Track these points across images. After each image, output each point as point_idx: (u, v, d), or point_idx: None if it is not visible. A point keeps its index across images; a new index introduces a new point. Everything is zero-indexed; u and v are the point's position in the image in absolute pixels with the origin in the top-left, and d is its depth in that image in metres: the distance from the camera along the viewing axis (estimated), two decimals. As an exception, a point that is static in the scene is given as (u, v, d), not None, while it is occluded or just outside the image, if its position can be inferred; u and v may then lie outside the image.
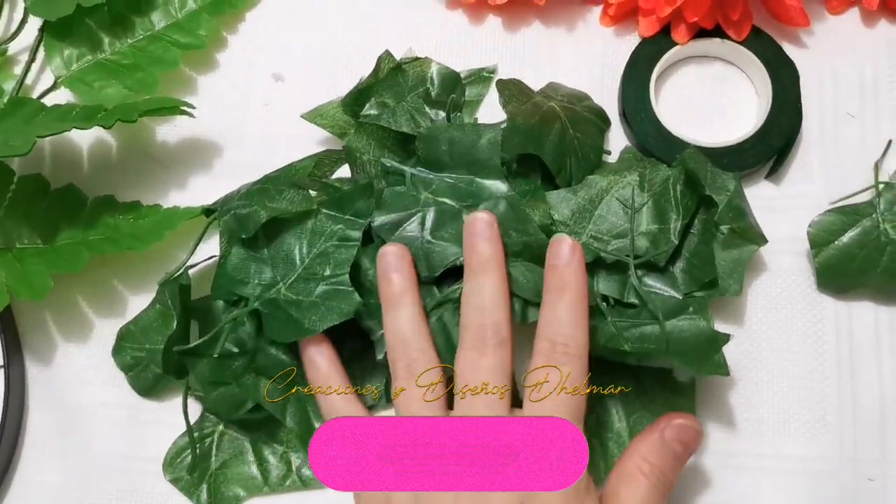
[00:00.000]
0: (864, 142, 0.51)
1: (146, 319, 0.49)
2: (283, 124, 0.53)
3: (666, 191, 0.47)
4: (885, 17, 0.53)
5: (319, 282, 0.45)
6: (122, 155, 0.54)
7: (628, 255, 0.46)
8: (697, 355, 0.43)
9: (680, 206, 0.46)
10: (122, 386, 0.49)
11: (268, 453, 0.48)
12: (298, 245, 0.46)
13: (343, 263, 0.45)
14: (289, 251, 0.46)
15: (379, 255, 0.45)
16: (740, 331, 0.48)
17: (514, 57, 0.54)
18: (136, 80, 0.52)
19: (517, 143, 0.47)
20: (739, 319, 0.48)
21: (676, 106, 0.52)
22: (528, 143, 0.47)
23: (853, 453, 0.46)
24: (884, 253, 0.47)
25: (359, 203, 0.46)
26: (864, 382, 0.47)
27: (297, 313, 0.44)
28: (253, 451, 0.47)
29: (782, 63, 0.51)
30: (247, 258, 0.46)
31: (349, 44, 0.55)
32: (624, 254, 0.46)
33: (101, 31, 0.54)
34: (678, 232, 0.46)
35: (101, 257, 0.49)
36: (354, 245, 0.45)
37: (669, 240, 0.46)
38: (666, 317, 0.45)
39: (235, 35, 0.56)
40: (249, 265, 0.46)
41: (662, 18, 0.51)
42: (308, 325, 0.44)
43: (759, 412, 0.47)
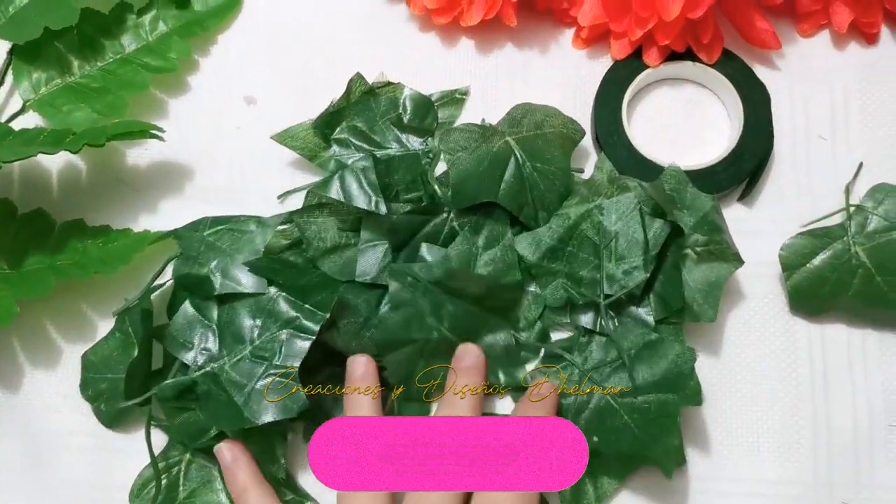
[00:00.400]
0: (835, 164, 0.51)
1: (106, 349, 0.48)
2: (255, 147, 0.53)
3: (633, 220, 0.47)
4: (854, 40, 0.53)
5: (268, 367, 0.44)
6: (92, 179, 0.53)
7: (599, 294, 0.46)
8: (671, 382, 0.43)
9: (647, 235, 0.46)
10: (89, 414, 0.49)
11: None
12: (251, 321, 0.45)
13: (296, 355, 0.43)
14: (239, 326, 0.45)
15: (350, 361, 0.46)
16: (713, 354, 0.48)
17: (487, 79, 0.54)
18: (106, 103, 0.52)
19: (468, 196, 0.47)
20: (712, 342, 0.48)
21: (649, 129, 0.52)
22: (480, 192, 0.47)
23: (827, 477, 0.46)
24: (855, 276, 0.47)
25: (322, 295, 0.45)
26: (838, 405, 0.47)
27: (239, 398, 0.43)
28: (221, 478, 0.46)
29: (753, 86, 0.51)
30: (194, 320, 0.46)
31: (321, 66, 0.55)
32: (596, 294, 0.46)
33: (71, 54, 0.53)
34: (650, 263, 0.46)
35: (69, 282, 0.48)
36: (309, 339, 0.44)
37: (640, 274, 0.46)
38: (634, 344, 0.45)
39: (207, 58, 0.56)
40: (195, 328, 0.46)
41: (634, 41, 0.51)
42: (247, 414, 0.43)
43: (733, 436, 0.47)
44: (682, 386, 0.43)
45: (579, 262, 0.47)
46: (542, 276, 0.47)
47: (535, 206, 0.47)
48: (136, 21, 0.55)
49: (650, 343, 0.44)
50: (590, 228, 0.47)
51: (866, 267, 0.47)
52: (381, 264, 0.47)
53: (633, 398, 0.43)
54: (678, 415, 0.42)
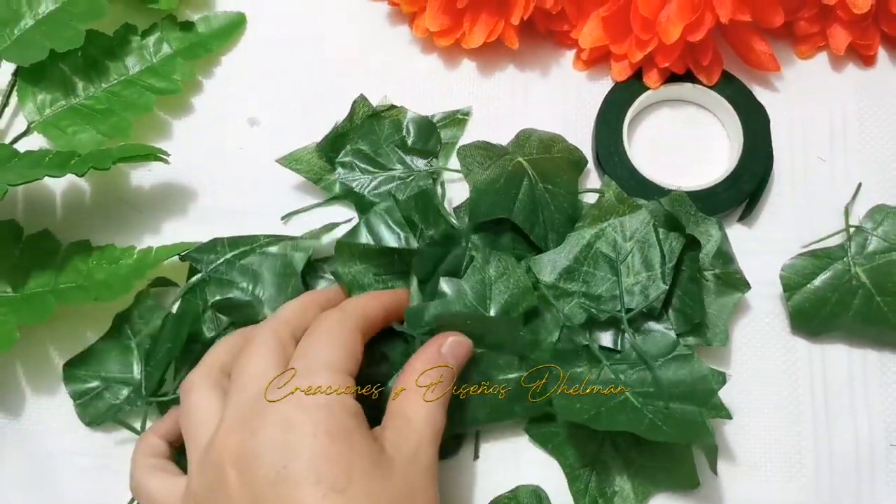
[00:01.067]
0: (834, 185, 0.51)
1: (103, 349, 0.49)
2: (259, 169, 0.53)
3: (648, 235, 0.47)
4: (853, 62, 0.54)
5: None
6: (95, 200, 0.53)
7: (619, 310, 0.46)
8: (695, 397, 0.43)
9: (663, 248, 0.47)
10: (92, 436, 0.49)
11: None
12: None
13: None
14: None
15: None
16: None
17: (489, 100, 0.54)
18: (110, 124, 0.52)
19: (484, 210, 0.47)
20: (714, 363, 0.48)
21: (649, 150, 0.53)
22: (496, 209, 0.47)
23: (829, 498, 0.46)
24: (855, 296, 0.47)
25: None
26: (839, 427, 0.47)
27: None
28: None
29: (753, 107, 0.52)
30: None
31: (324, 88, 0.55)
32: (616, 309, 0.46)
33: (75, 76, 0.53)
34: (668, 275, 0.46)
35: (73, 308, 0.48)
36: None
37: (659, 286, 0.46)
38: (660, 356, 0.45)
39: (210, 79, 0.56)
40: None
41: (634, 63, 0.52)
42: None
43: (734, 458, 0.47)
44: (706, 402, 0.43)
45: (597, 280, 0.47)
46: (560, 298, 0.47)
47: (545, 226, 0.48)
48: (140, 43, 0.55)
49: (679, 357, 0.44)
50: (604, 245, 0.47)
51: (866, 288, 0.47)
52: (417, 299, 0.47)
53: (660, 403, 0.43)
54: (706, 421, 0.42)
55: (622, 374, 0.45)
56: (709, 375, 0.44)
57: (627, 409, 0.43)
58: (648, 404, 0.43)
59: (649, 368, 0.44)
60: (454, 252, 0.48)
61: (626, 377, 0.44)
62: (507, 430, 0.48)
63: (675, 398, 0.43)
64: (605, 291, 0.47)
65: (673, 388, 0.43)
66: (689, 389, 0.43)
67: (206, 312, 0.48)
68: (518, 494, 0.46)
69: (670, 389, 0.43)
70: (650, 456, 0.46)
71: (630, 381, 0.44)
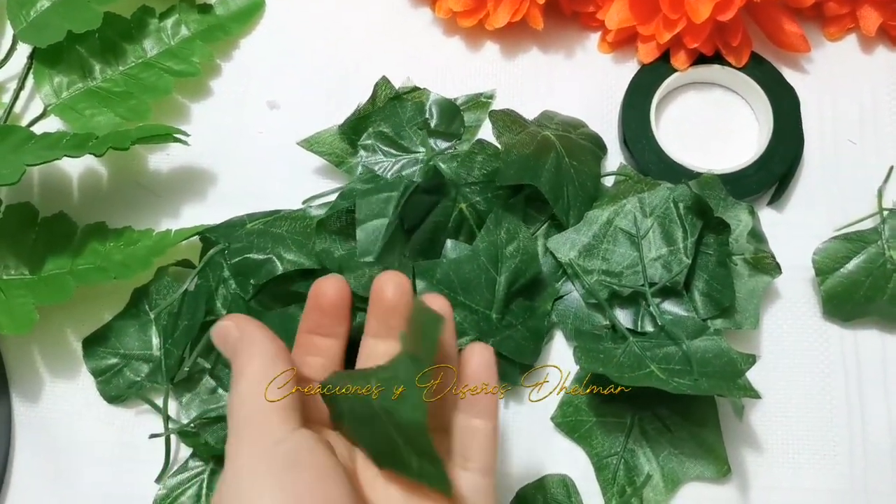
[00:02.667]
0: (865, 168, 0.50)
1: (122, 325, 0.48)
2: (278, 152, 0.52)
3: (668, 211, 0.47)
4: (883, 44, 0.53)
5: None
6: (112, 184, 0.52)
7: (643, 284, 0.45)
8: (724, 376, 0.42)
9: (686, 223, 0.46)
10: (112, 423, 0.48)
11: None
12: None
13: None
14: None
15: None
16: (746, 360, 0.47)
17: (512, 83, 0.54)
18: (128, 107, 0.51)
19: (513, 174, 0.46)
20: (744, 348, 0.47)
21: (677, 132, 0.52)
22: (524, 174, 0.46)
23: (864, 485, 0.45)
24: (890, 280, 0.46)
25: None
26: (873, 412, 0.46)
27: None
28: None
29: (782, 89, 0.51)
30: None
31: (345, 71, 0.54)
32: (639, 283, 0.45)
33: (92, 59, 0.53)
34: (690, 250, 0.45)
35: (91, 290, 0.48)
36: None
37: (682, 260, 0.45)
38: (687, 338, 0.44)
39: (229, 62, 0.55)
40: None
41: (662, 45, 0.51)
42: None
43: (767, 444, 0.46)
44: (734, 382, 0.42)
45: (617, 256, 0.46)
46: (580, 276, 0.46)
47: (568, 201, 0.47)
48: (157, 25, 0.54)
49: (707, 340, 0.44)
50: (624, 222, 0.47)
51: (901, 271, 0.46)
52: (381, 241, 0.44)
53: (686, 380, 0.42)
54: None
55: (648, 352, 0.44)
56: (738, 358, 0.43)
57: (653, 379, 0.42)
58: (675, 378, 0.42)
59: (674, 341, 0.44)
60: (443, 202, 0.47)
61: (653, 354, 0.44)
62: (532, 419, 0.47)
63: (702, 375, 0.42)
64: (626, 268, 0.46)
65: (700, 368, 0.43)
66: (717, 370, 0.43)
67: (219, 289, 0.47)
68: (545, 483, 0.45)
69: (698, 368, 0.43)
70: (680, 444, 0.45)
71: (656, 357, 0.43)
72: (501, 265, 0.46)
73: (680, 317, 0.45)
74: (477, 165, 0.48)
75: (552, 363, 0.47)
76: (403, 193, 0.44)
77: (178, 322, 0.47)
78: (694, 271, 0.46)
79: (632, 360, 0.43)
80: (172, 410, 0.47)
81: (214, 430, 0.45)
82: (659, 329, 0.45)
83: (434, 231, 0.46)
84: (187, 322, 0.46)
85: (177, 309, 0.47)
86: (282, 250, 0.46)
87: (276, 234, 0.47)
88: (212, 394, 0.46)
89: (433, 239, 0.46)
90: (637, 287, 0.45)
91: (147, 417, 0.48)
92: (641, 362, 0.43)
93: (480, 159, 0.48)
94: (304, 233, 0.47)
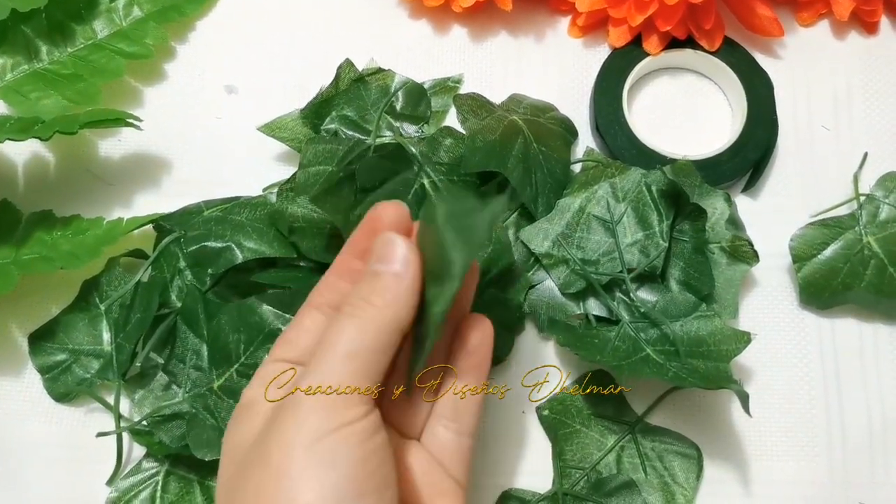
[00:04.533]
0: (840, 154, 0.50)
1: (70, 319, 0.46)
2: (237, 138, 0.50)
3: (642, 195, 0.45)
4: (855, 29, 0.52)
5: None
6: (60, 171, 0.50)
7: (621, 270, 0.44)
8: (718, 356, 0.41)
9: (660, 206, 0.45)
10: (60, 422, 0.45)
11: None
12: (235, 337, 0.42)
13: None
14: (225, 342, 0.42)
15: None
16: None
17: (481, 67, 0.52)
18: (77, 90, 0.49)
19: (478, 161, 0.45)
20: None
21: (650, 118, 0.51)
22: (490, 161, 0.45)
23: (843, 476, 0.44)
24: (868, 266, 0.45)
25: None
26: (851, 402, 0.45)
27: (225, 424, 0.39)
28: (201, 490, 0.43)
29: (756, 74, 0.50)
30: (187, 334, 0.44)
31: (306, 54, 0.52)
32: (616, 270, 0.44)
33: (39, 39, 0.50)
34: (666, 233, 0.44)
35: (37, 282, 0.45)
36: None
37: (658, 243, 0.44)
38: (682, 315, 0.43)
39: (185, 44, 0.53)
40: (187, 340, 0.43)
41: (634, 28, 0.50)
42: None
43: (744, 436, 0.45)
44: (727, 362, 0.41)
45: (592, 244, 0.45)
46: (555, 266, 0.45)
47: (536, 188, 0.45)
48: (108, 5, 0.52)
49: (702, 317, 0.42)
50: (597, 208, 0.45)
51: (879, 258, 0.45)
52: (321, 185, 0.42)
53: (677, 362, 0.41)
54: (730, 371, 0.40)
55: (643, 333, 0.42)
56: (732, 335, 0.42)
57: (650, 363, 0.41)
58: (672, 360, 0.41)
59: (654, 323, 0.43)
60: (405, 174, 0.45)
61: (647, 336, 0.42)
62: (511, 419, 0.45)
63: (696, 356, 0.41)
64: (603, 255, 0.45)
65: (695, 347, 0.41)
66: (712, 349, 0.41)
67: (174, 281, 0.45)
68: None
69: (692, 348, 0.41)
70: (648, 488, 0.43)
71: (651, 339, 0.42)
72: None
73: (677, 296, 0.44)
74: (443, 149, 0.47)
75: (552, 363, 0.46)
76: (352, 149, 0.43)
77: (130, 315, 0.44)
78: (669, 259, 0.45)
79: (627, 344, 0.42)
80: (125, 408, 0.44)
81: (169, 429, 0.43)
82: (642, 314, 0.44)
83: (391, 197, 0.44)
84: (140, 315, 0.44)
85: (129, 301, 0.45)
86: (241, 238, 0.44)
87: (235, 222, 0.45)
88: (166, 390, 0.44)
89: None
90: (615, 274, 0.44)
91: (97, 416, 0.45)
92: (637, 345, 0.42)
93: (448, 143, 0.47)
94: (264, 220, 0.45)
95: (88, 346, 0.45)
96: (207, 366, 0.42)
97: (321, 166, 0.43)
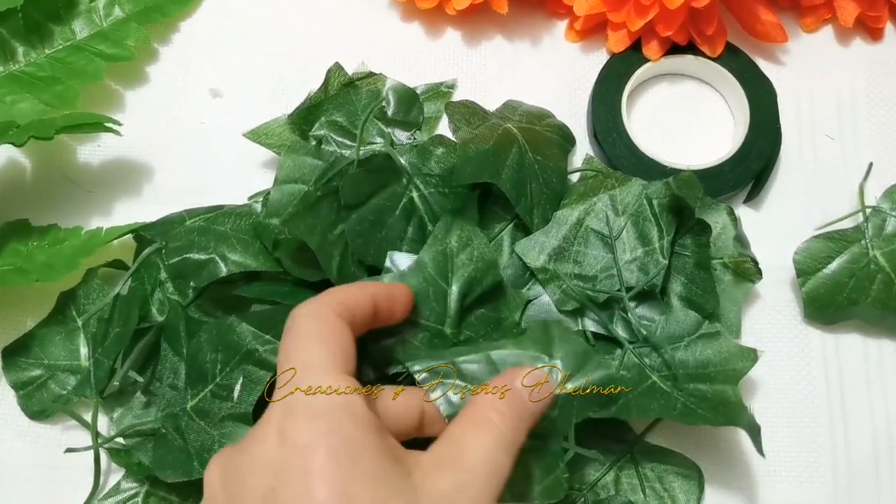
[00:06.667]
0: (844, 164, 0.48)
1: (46, 332, 0.44)
2: (222, 144, 0.49)
3: (642, 208, 0.44)
4: (860, 35, 0.51)
5: (227, 408, 0.39)
6: (36, 178, 0.48)
7: (619, 289, 0.42)
8: (726, 380, 0.39)
9: (661, 221, 0.43)
10: (35, 440, 0.44)
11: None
12: (212, 356, 0.40)
13: (256, 385, 0.39)
14: (203, 361, 0.40)
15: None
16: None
17: (475, 72, 0.51)
18: (54, 93, 0.47)
19: (470, 171, 0.43)
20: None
21: (649, 126, 0.49)
22: (483, 171, 0.43)
23: (847, 499, 0.43)
24: (874, 281, 0.44)
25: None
26: (856, 421, 0.44)
27: (193, 447, 0.39)
28: (184, 511, 0.42)
29: (759, 82, 0.48)
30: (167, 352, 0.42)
31: (294, 57, 0.51)
32: (615, 288, 0.42)
33: (15, 40, 0.49)
34: (666, 250, 0.42)
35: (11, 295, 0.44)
36: (267, 374, 0.39)
37: (658, 260, 0.42)
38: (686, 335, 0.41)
39: (168, 46, 0.52)
40: (167, 358, 0.42)
41: (633, 33, 0.48)
42: (198, 466, 0.38)
43: (746, 457, 0.43)
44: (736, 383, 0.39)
45: (589, 259, 0.43)
46: (551, 282, 0.43)
47: (532, 199, 0.44)
48: (88, 5, 0.50)
49: (706, 336, 0.41)
50: (595, 221, 0.43)
51: (885, 272, 0.44)
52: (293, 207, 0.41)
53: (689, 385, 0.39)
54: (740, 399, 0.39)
55: (646, 358, 0.41)
56: (738, 353, 0.40)
57: (657, 394, 0.39)
58: (679, 387, 0.39)
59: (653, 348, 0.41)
60: (393, 186, 0.43)
61: (651, 361, 0.41)
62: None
63: (702, 379, 0.40)
64: (600, 271, 0.43)
65: (701, 369, 0.40)
66: (718, 371, 0.40)
67: (154, 293, 0.43)
68: None
69: (698, 370, 0.40)
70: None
71: (656, 365, 0.41)
72: (452, 275, 0.42)
73: (678, 314, 0.42)
74: (434, 159, 0.45)
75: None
76: (333, 166, 0.42)
77: (108, 329, 0.43)
78: (670, 275, 0.43)
79: (633, 373, 0.40)
80: (102, 427, 0.43)
81: (148, 449, 0.41)
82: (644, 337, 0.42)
83: (378, 213, 0.42)
84: (119, 329, 0.42)
85: (107, 315, 0.43)
86: (225, 250, 0.42)
87: (219, 232, 0.43)
88: (146, 408, 0.42)
89: (376, 221, 0.42)
90: (613, 293, 0.42)
91: (74, 434, 0.44)
92: (642, 373, 0.40)
93: (440, 152, 0.45)
94: (250, 231, 0.43)
95: (65, 361, 0.44)
96: (183, 385, 0.41)
97: (297, 185, 0.42)
